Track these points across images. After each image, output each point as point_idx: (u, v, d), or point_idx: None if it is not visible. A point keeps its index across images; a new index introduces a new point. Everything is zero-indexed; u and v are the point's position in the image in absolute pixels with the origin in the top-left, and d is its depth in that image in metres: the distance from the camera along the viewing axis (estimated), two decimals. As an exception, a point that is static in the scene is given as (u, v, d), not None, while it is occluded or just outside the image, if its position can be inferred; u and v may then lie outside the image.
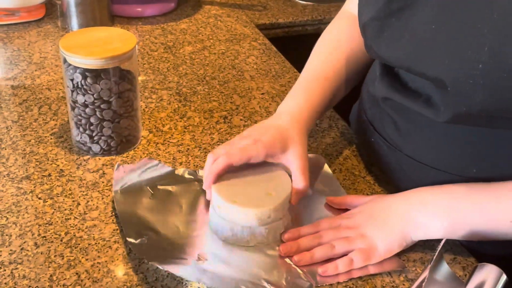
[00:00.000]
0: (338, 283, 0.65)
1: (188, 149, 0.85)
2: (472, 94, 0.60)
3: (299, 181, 0.70)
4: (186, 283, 0.64)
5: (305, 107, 0.76)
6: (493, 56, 0.57)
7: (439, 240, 0.71)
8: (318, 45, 0.85)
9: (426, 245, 0.70)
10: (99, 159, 0.82)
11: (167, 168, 0.78)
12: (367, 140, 0.84)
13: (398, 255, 0.68)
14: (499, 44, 0.56)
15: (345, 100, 1.03)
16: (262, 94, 1.01)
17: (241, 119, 0.93)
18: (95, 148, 0.82)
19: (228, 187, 0.68)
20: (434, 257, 0.63)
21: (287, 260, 0.66)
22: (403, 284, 0.65)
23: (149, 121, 0.91)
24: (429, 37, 0.63)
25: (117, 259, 0.66)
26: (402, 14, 0.66)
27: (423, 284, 0.61)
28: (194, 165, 0.82)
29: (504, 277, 0.61)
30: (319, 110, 0.79)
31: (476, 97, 0.59)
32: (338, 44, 0.84)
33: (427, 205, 0.67)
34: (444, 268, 0.64)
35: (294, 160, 0.71)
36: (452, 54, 0.60)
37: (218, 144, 0.87)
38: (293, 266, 0.66)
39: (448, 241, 0.72)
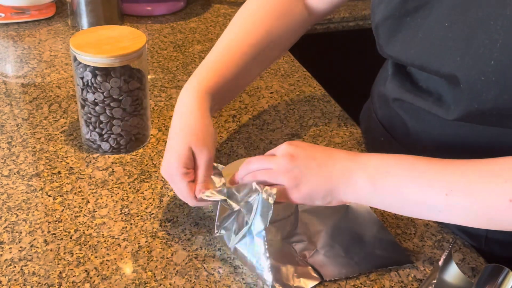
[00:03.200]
0: (346, 282, 0.65)
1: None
2: (484, 91, 0.59)
3: (203, 176, 0.66)
4: (194, 281, 0.64)
5: (200, 88, 0.70)
6: (505, 53, 0.57)
7: (448, 241, 0.71)
8: (237, 15, 0.80)
9: (435, 246, 0.70)
10: (109, 157, 0.83)
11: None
12: (377, 139, 0.84)
13: (407, 254, 0.68)
14: (511, 40, 0.56)
15: (355, 100, 1.03)
16: (271, 93, 1.01)
17: (250, 118, 0.93)
18: (105, 146, 0.83)
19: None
20: (443, 257, 0.63)
21: (294, 254, 0.67)
22: (412, 284, 0.65)
23: (158, 120, 0.92)
24: (442, 35, 0.62)
25: (126, 257, 0.67)
26: (416, 13, 0.66)
27: (433, 284, 0.60)
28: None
29: (513, 278, 0.61)
30: (221, 87, 0.72)
31: (488, 94, 0.59)
32: (253, 20, 0.78)
33: (362, 167, 0.62)
34: (453, 269, 0.64)
35: (199, 154, 0.66)
36: (464, 51, 0.60)
37: (227, 143, 0.87)
38: (300, 262, 0.66)
39: (457, 242, 0.71)
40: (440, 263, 0.63)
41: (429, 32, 0.64)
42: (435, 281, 0.61)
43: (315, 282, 0.64)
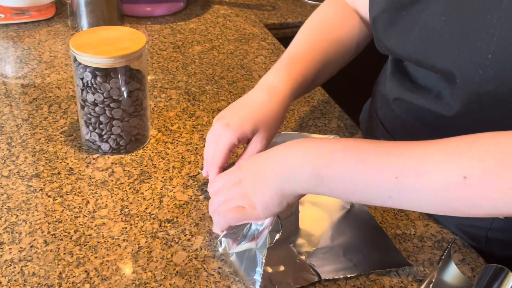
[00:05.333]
0: (346, 282, 0.65)
1: (196, 148, 0.86)
2: (483, 84, 0.59)
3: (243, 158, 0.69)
4: (194, 282, 0.64)
5: (286, 83, 0.73)
6: (502, 46, 0.57)
7: (448, 241, 0.71)
8: (304, 26, 0.83)
9: (435, 246, 0.70)
10: (108, 157, 0.83)
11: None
12: (377, 139, 0.84)
13: (407, 255, 0.68)
14: (508, 33, 0.56)
15: (354, 100, 1.03)
16: (271, 93, 1.01)
17: (249, 119, 0.93)
18: (105, 146, 0.83)
19: None
20: (442, 257, 0.63)
21: (293, 251, 0.67)
22: (411, 285, 0.65)
23: (158, 120, 0.92)
24: (438, 29, 0.62)
25: (126, 257, 0.67)
26: (412, 7, 0.66)
27: (431, 285, 0.60)
28: (202, 164, 0.82)
29: (513, 278, 0.61)
30: (300, 87, 0.75)
31: (487, 87, 0.59)
32: (323, 26, 0.82)
33: (305, 154, 0.59)
34: (453, 269, 0.64)
35: (254, 141, 0.69)
36: (461, 45, 0.60)
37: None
38: (299, 262, 0.66)
39: (457, 242, 0.71)
40: (440, 263, 0.63)
41: (425, 26, 0.64)
42: (434, 282, 0.61)
43: (313, 281, 0.64)
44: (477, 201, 0.51)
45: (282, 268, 0.65)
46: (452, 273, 0.63)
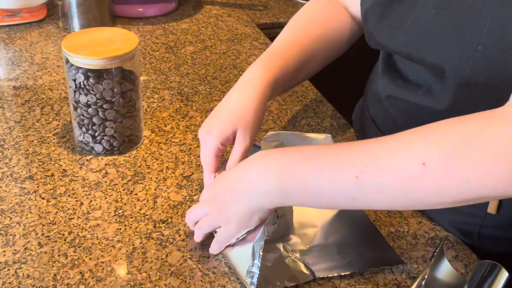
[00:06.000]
0: (341, 280, 0.65)
1: (190, 148, 0.86)
2: (473, 76, 0.60)
3: (233, 160, 0.68)
4: (189, 282, 0.64)
5: (262, 77, 0.72)
6: (492, 38, 0.57)
7: (441, 238, 0.72)
8: (290, 22, 0.84)
9: (428, 243, 0.71)
10: (102, 159, 0.83)
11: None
12: (369, 138, 0.84)
13: (400, 252, 0.69)
14: (497, 25, 0.57)
15: (347, 99, 1.03)
16: (264, 93, 1.01)
17: (242, 119, 0.93)
18: (98, 148, 0.82)
19: None
20: (435, 254, 0.63)
21: (288, 254, 0.67)
22: (405, 282, 0.66)
23: (151, 121, 0.92)
24: (429, 22, 0.63)
25: (121, 258, 0.67)
26: (404, 1, 0.66)
27: (424, 281, 0.61)
28: (196, 164, 0.82)
29: (506, 274, 0.62)
30: (279, 80, 0.74)
31: (478, 78, 0.60)
32: (309, 22, 0.82)
33: (268, 170, 0.58)
34: (446, 266, 0.64)
35: (239, 140, 0.69)
36: (452, 37, 0.61)
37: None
38: (292, 258, 0.67)
39: (449, 239, 0.72)
40: (432, 260, 0.63)
41: (416, 19, 0.65)
42: (427, 278, 0.61)
43: (307, 279, 0.65)
44: (440, 188, 0.50)
45: (276, 266, 0.65)
46: (445, 269, 0.64)
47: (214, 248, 0.67)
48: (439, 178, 0.49)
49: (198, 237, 0.68)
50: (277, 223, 0.64)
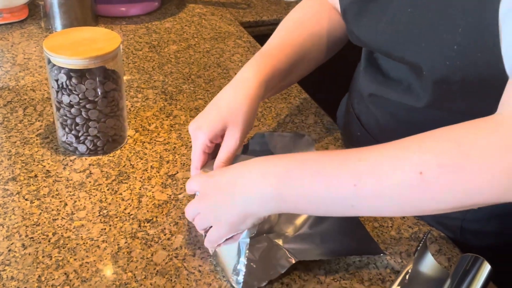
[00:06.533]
0: (326, 276, 0.66)
1: (174, 147, 0.86)
2: (450, 74, 0.61)
3: (221, 159, 0.69)
4: (175, 281, 0.64)
5: (255, 76, 0.72)
6: (467, 37, 0.58)
7: (424, 232, 0.72)
8: (281, 24, 0.84)
9: (411, 238, 0.72)
10: (86, 159, 0.82)
11: None
12: (354, 134, 0.85)
13: (385, 247, 0.69)
14: (472, 25, 0.58)
15: (330, 96, 1.04)
16: (248, 91, 1.01)
17: (227, 117, 0.94)
18: (81, 148, 0.82)
19: None
20: (418, 248, 0.64)
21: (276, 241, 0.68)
22: (390, 276, 0.66)
23: (135, 121, 0.91)
24: (405, 21, 0.64)
25: (106, 258, 0.67)
26: None
27: (408, 275, 0.62)
28: (181, 163, 0.82)
29: (488, 267, 0.63)
30: (271, 80, 0.75)
31: (454, 77, 0.60)
32: (300, 23, 0.83)
33: (264, 177, 0.58)
34: (429, 260, 0.65)
35: (227, 138, 0.69)
36: (428, 36, 0.61)
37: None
38: (275, 246, 0.67)
39: (433, 233, 0.73)
40: (416, 254, 0.64)
41: (392, 18, 0.65)
42: (410, 273, 0.62)
43: (289, 265, 0.65)
44: (437, 196, 0.51)
45: (262, 260, 0.65)
46: (428, 263, 0.64)
47: (207, 247, 0.67)
48: (436, 187, 0.50)
49: (199, 230, 0.68)
50: (263, 222, 0.64)
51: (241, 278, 0.63)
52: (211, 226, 0.65)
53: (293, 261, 0.65)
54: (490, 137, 0.49)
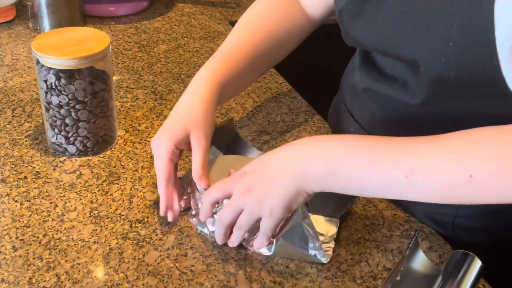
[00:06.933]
0: (318, 274, 0.66)
1: (165, 147, 0.85)
2: (445, 72, 0.61)
3: (198, 165, 0.69)
4: (167, 281, 0.64)
5: (209, 78, 0.74)
6: (463, 34, 0.58)
7: (416, 230, 0.73)
8: (237, 23, 0.85)
9: (403, 235, 0.72)
10: (76, 160, 0.82)
11: None
12: (347, 131, 0.85)
13: (376, 244, 0.70)
14: (468, 21, 0.58)
15: (320, 94, 1.04)
16: (238, 90, 1.01)
17: (217, 116, 0.93)
18: (71, 149, 0.82)
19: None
20: (410, 246, 0.64)
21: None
22: (381, 274, 0.66)
23: (125, 121, 0.91)
24: (401, 19, 0.64)
25: (97, 260, 0.66)
26: None
27: (400, 273, 0.62)
28: (171, 163, 0.82)
29: (479, 263, 0.63)
30: (226, 81, 0.76)
31: (450, 74, 0.61)
32: (257, 21, 0.83)
33: (318, 154, 0.61)
34: (420, 257, 0.65)
35: (195, 143, 0.70)
36: (424, 33, 0.62)
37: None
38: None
39: (424, 230, 0.73)
40: (407, 251, 0.64)
41: (388, 16, 0.66)
42: (402, 270, 0.62)
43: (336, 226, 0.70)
44: (481, 196, 0.56)
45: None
46: (420, 260, 0.65)
47: (261, 243, 0.66)
48: (483, 189, 0.55)
49: (237, 239, 0.67)
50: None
51: (326, 255, 0.66)
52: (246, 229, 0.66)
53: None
54: None
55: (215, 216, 0.68)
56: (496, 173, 0.54)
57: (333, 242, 0.69)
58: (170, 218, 0.71)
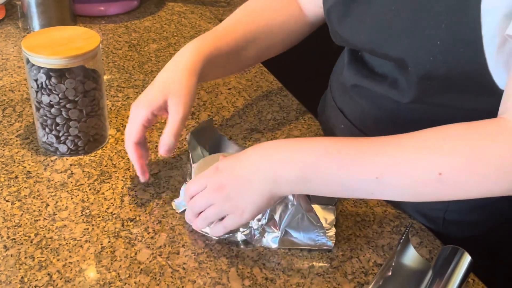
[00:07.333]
0: (310, 270, 0.66)
1: (156, 146, 0.85)
2: (434, 70, 0.62)
3: (169, 133, 0.71)
4: (159, 279, 0.64)
5: (194, 50, 0.76)
6: (450, 33, 0.59)
7: (406, 225, 0.73)
8: (237, 9, 0.86)
9: (393, 231, 0.72)
10: (67, 159, 0.82)
11: None
12: (337, 127, 0.85)
13: (367, 240, 0.70)
14: (454, 21, 0.59)
15: (311, 92, 1.04)
16: (229, 89, 1.01)
17: (208, 115, 0.94)
18: (62, 148, 0.82)
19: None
20: (400, 241, 0.65)
21: None
22: (372, 269, 0.67)
23: (116, 120, 0.91)
24: (389, 19, 0.65)
25: (89, 258, 0.66)
26: None
27: (390, 268, 0.62)
28: (162, 162, 0.82)
29: (468, 258, 0.64)
30: (212, 55, 0.77)
31: (438, 72, 0.62)
32: (254, 11, 0.85)
33: (291, 160, 0.62)
34: (411, 252, 0.66)
35: (172, 110, 0.72)
36: (411, 33, 0.62)
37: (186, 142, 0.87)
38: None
39: (414, 226, 0.74)
40: (398, 247, 0.65)
41: (376, 16, 0.66)
42: (393, 265, 0.63)
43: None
44: (450, 193, 0.57)
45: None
46: (410, 256, 0.65)
47: (217, 232, 0.68)
48: (451, 186, 0.56)
49: (202, 226, 0.69)
50: None
51: (330, 240, 0.68)
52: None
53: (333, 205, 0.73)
54: (502, 147, 0.54)
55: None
56: (464, 169, 0.55)
57: (334, 229, 0.70)
58: (142, 179, 0.75)
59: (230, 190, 0.64)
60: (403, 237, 0.65)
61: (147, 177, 0.75)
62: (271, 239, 0.69)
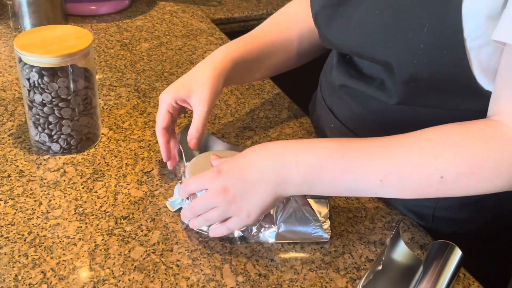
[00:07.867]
0: (302, 266, 0.67)
1: (149, 144, 0.86)
2: (418, 73, 0.63)
3: (193, 127, 0.76)
4: (153, 276, 0.65)
5: (224, 52, 0.80)
6: (433, 36, 0.60)
7: (397, 221, 0.74)
8: (268, 18, 0.89)
9: (385, 227, 0.73)
10: (60, 158, 0.82)
11: None
12: (327, 126, 0.86)
13: (359, 236, 0.71)
14: (437, 23, 0.60)
15: (302, 91, 1.05)
16: (221, 87, 1.02)
17: (201, 113, 0.94)
18: (55, 147, 0.82)
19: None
20: (391, 237, 0.66)
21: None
22: (364, 265, 0.68)
23: (109, 119, 0.91)
24: (373, 22, 0.65)
25: (83, 256, 0.67)
26: (349, 2, 0.69)
27: (382, 263, 0.63)
28: (156, 160, 0.83)
29: (459, 253, 0.65)
30: (239, 64, 0.81)
31: (422, 74, 0.63)
32: (277, 23, 0.88)
33: (296, 163, 0.63)
34: (402, 247, 0.66)
35: (196, 105, 0.76)
36: (395, 36, 0.63)
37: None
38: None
39: (405, 222, 0.74)
40: (388, 241, 0.65)
41: (361, 20, 0.67)
42: (384, 261, 0.63)
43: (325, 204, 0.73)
44: (453, 193, 0.61)
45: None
46: (402, 251, 0.66)
47: (220, 233, 0.68)
48: (453, 188, 0.60)
49: (200, 226, 0.69)
50: None
51: (325, 232, 0.70)
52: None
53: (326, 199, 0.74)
54: (501, 152, 0.58)
55: (187, 200, 0.70)
56: (465, 173, 0.58)
57: (329, 221, 0.71)
58: (169, 165, 0.79)
59: (234, 193, 0.64)
60: (393, 233, 0.66)
61: (173, 164, 0.79)
62: (268, 234, 0.70)
